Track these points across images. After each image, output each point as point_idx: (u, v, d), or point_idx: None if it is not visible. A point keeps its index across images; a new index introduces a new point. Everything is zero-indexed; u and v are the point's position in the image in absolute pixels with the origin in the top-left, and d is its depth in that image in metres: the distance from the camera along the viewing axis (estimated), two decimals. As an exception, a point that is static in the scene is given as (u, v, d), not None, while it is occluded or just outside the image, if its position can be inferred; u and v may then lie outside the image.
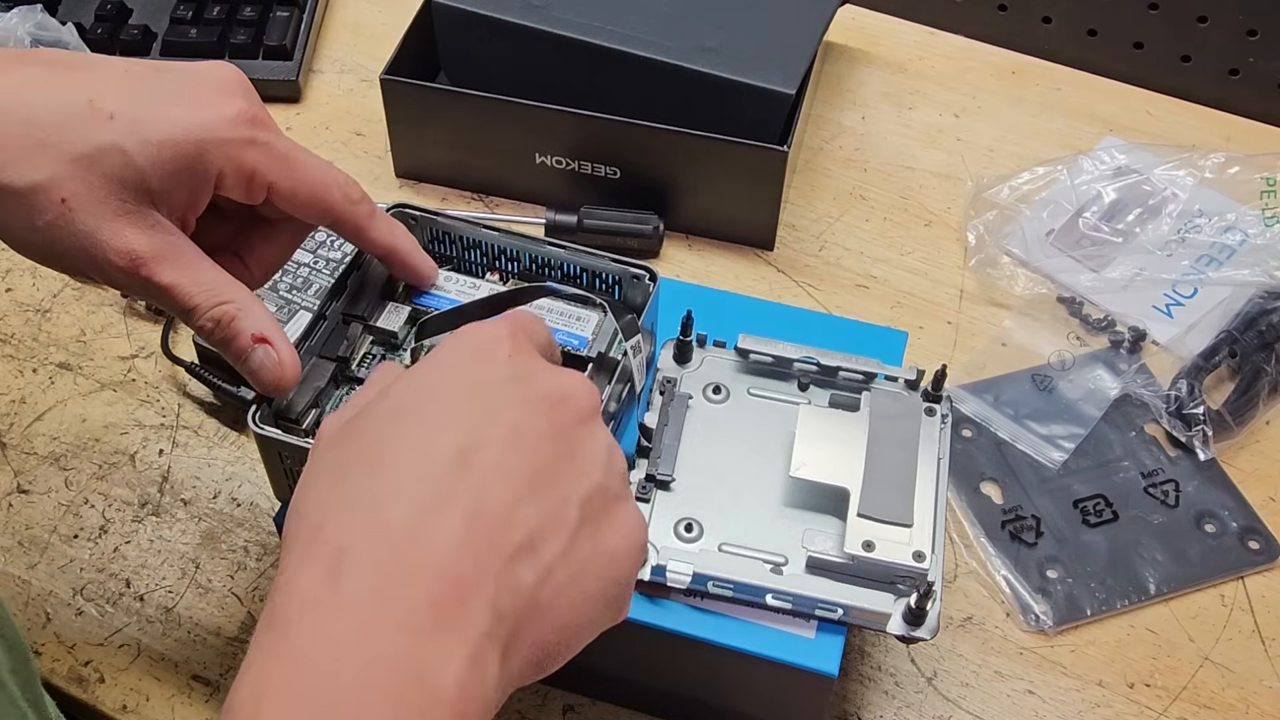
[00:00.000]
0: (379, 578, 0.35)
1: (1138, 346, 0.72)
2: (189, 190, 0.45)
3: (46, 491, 0.67)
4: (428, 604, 0.34)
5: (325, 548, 0.35)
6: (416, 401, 0.39)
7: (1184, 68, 0.89)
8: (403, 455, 0.37)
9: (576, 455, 0.39)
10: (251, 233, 0.51)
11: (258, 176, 0.46)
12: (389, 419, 0.39)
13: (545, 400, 0.40)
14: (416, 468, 0.37)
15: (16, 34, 0.83)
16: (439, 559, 0.35)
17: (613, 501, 0.40)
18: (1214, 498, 0.66)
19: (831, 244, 0.79)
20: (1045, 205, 0.80)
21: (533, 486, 0.38)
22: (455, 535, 0.36)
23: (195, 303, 0.46)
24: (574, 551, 0.38)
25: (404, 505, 0.36)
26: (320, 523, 0.36)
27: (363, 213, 0.50)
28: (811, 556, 0.51)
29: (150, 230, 0.45)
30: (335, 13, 0.95)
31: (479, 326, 0.42)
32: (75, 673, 0.61)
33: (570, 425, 0.40)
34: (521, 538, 0.37)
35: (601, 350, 0.56)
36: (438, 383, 0.40)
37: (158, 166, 0.44)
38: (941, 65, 0.91)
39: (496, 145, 0.78)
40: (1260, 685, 0.60)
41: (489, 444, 0.38)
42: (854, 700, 0.59)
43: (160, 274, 0.45)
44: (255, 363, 0.47)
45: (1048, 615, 0.62)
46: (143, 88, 0.45)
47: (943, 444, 0.54)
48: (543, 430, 0.39)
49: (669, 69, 0.74)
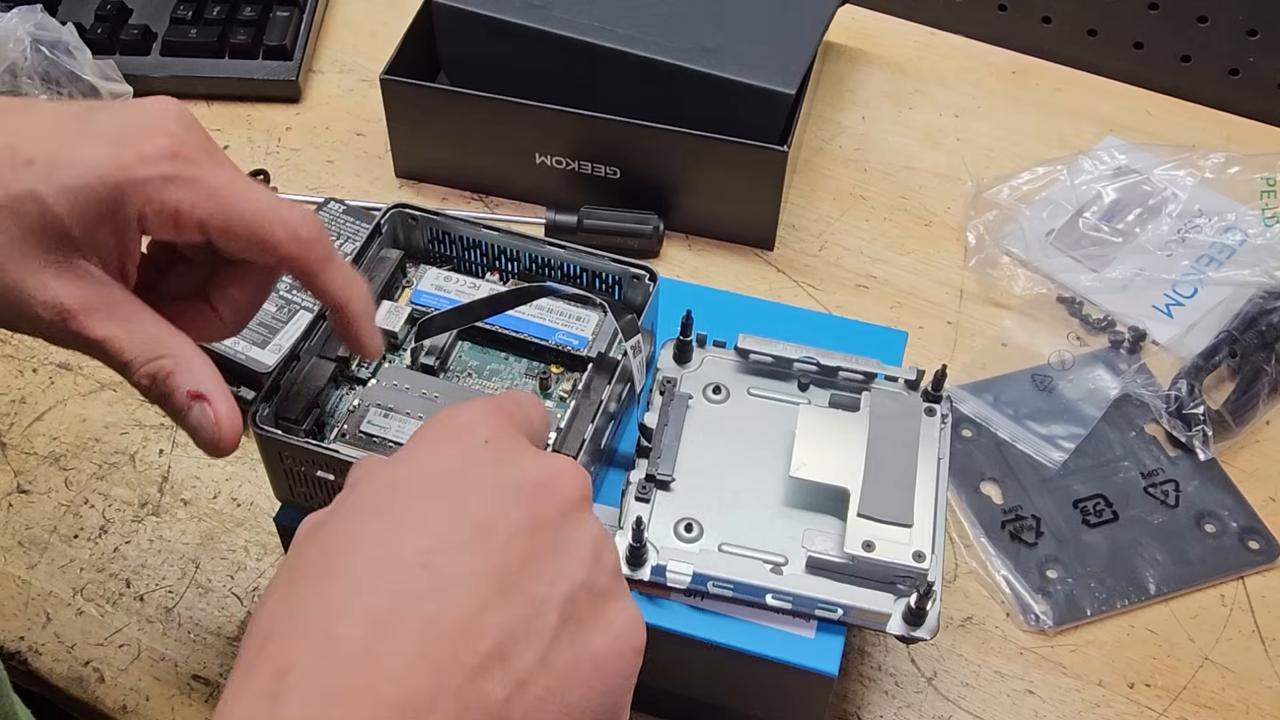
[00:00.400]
0: (321, 702, 0.31)
1: (1138, 346, 0.72)
2: (114, 235, 0.42)
3: (46, 491, 0.67)
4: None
5: (267, 666, 0.32)
6: (379, 498, 0.36)
7: (1184, 68, 0.89)
8: (358, 560, 0.34)
9: (557, 551, 0.36)
10: (221, 278, 0.48)
11: (183, 215, 0.42)
12: (350, 518, 0.36)
13: (522, 490, 0.36)
14: (372, 573, 0.34)
15: (16, 34, 0.82)
16: (390, 677, 0.31)
17: (600, 600, 0.36)
18: (1214, 498, 0.66)
19: (831, 244, 0.79)
20: (1045, 205, 0.80)
21: (503, 589, 0.34)
22: (409, 649, 0.32)
23: (129, 357, 0.42)
24: (553, 660, 0.34)
25: (354, 617, 0.32)
26: (266, 637, 0.33)
27: (314, 256, 0.45)
28: (811, 556, 0.51)
29: (79, 281, 0.42)
30: (335, 13, 0.95)
31: (456, 409, 0.39)
32: (75, 673, 0.61)
33: (551, 517, 0.36)
34: (489, 647, 0.33)
35: (601, 350, 0.56)
36: (405, 475, 0.37)
37: (76, 213, 0.41)
38: (941, 65, 0.91)
39: (496, 145, 0.78)
40: (1260, 685, 0.60)
41: (454, 543, 0.34)
42: (854, 700, 0.59)
43: (91, 327, 0.42)
44: (192, 421, 0.43)
45: (1048, 615, 0.62)
46: (69, 129, 0.42)
47: (943, 444, 0.54)
48: (517, 525, 0.35)
49: (669, 69, 0.74)
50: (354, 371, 0.56)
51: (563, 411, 0.55)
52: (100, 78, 0.83)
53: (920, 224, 0.81)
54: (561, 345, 0.57)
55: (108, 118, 0.43)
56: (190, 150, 0.43)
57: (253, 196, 0.44)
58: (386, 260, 0.59)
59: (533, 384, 0.56)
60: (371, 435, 0.53)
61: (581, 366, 0.56)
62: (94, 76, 0.83)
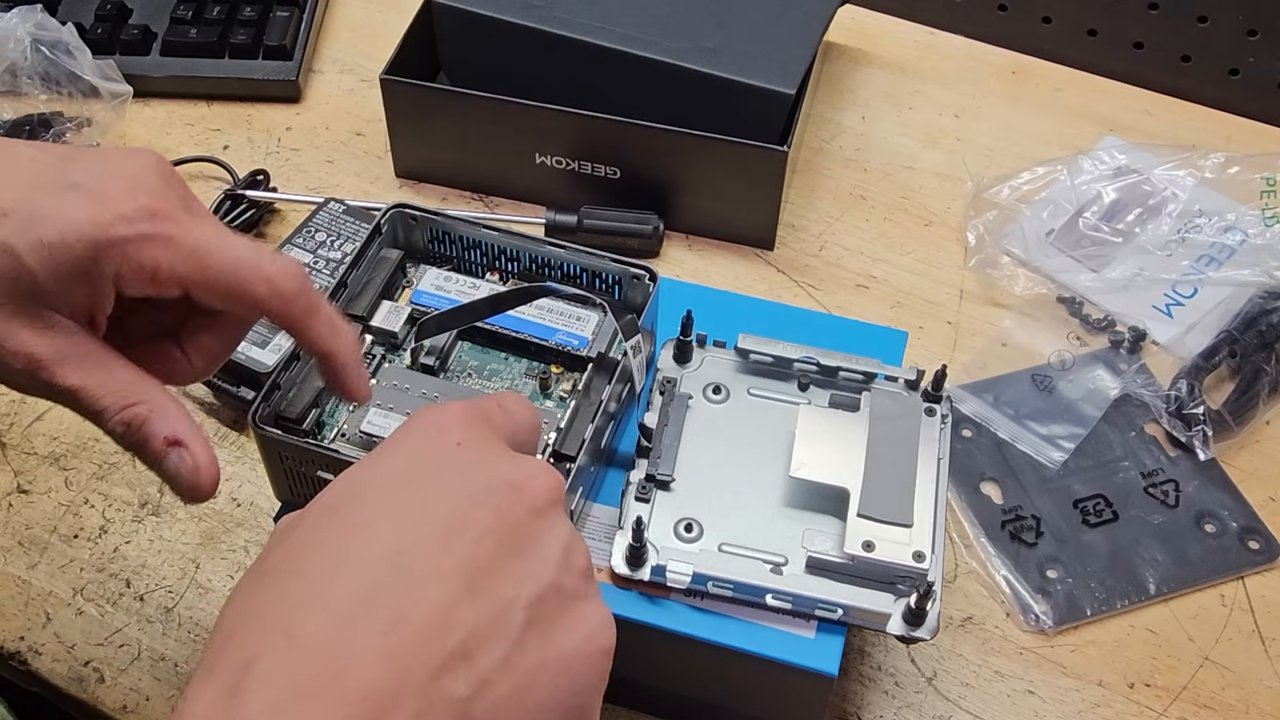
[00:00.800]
0: (283, 696, 0.31)
1: (1138, 346, 0.72)
2: (88, 291, 0.42)
3: (46, 491, 0.67)
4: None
5: (231, 661, 0.32)
6: (351, 497, 0.36)
7: (1184, 68, 0.89)
8: (326, 557, 0.34)
9: (526, 551, 0.36)
10: (193, 324, 0.47)
11: (161, 273, 0.42)
12: (320, 517, 0.36)
13: (493, 491, 0.36)
14: (337, 571, 0.34)
15: (16, 34, 0.82)
16: (353, 673, 0.31)
17: (568, 602, 0.36)
18: (1214, 498, 0.66)
19: (831, 244, 0.79)
20: (1045, 205, 0.80)
21: (470, 588, 0.34)
22: (374, 646, 0.32)
23: (103, 405, 0.42)
24: (518, 660, 0.34)
25: (319, 613, 0.33)
26: (229, 634, 0.33)
27: (297, 309, 0.45)
28: (811, 556, 0.51)
29: (49, 331, 0.41)
30: (335, 13, 0.95)
31: (431, 411, 0.39)
32: (75, 673, 0.61)
33: (521, 517, 0.36)
34: (454, 646, 0.33)
35: (601, 350, 0.56)
36: (377, 476, 0.37)
37: (50, 269, 0.41)
38: (941, 65, 0.91)
39: (496, 145, 0.78)
40: (1260, 685, 0.60)
41: (422, 542, 0.34)
42: (854, 700, 0.59)
43: (63, 376, 0.42)
44: (170, 468, 0.43)
45: (1048, 615, 0.62)
46: (45, 179, 0.42)
47: (943, 444, 0.54)
48: (486, 524, 0.35)
49: (669, 69, 0.74)
50: (354, 371, 0.56)
51: (563, 411, 0.55)
52: (100, 78, 0.83)
53: (920, 224, 0.81)
54: (561, 345, 0.57)
55: (86, 169, 0.42)
56: (169, 207, 0.43)
57: (232, 252, 0.43)
58: (386, 260, 0.59)
59: (533, 384, 0.56)
60: (371, 435, 0.53)
61: (581, 366, 0.56)
62: (94, 76, 0.83)
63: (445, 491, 0.36)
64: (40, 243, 0.40)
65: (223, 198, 0.78)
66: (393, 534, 0.34)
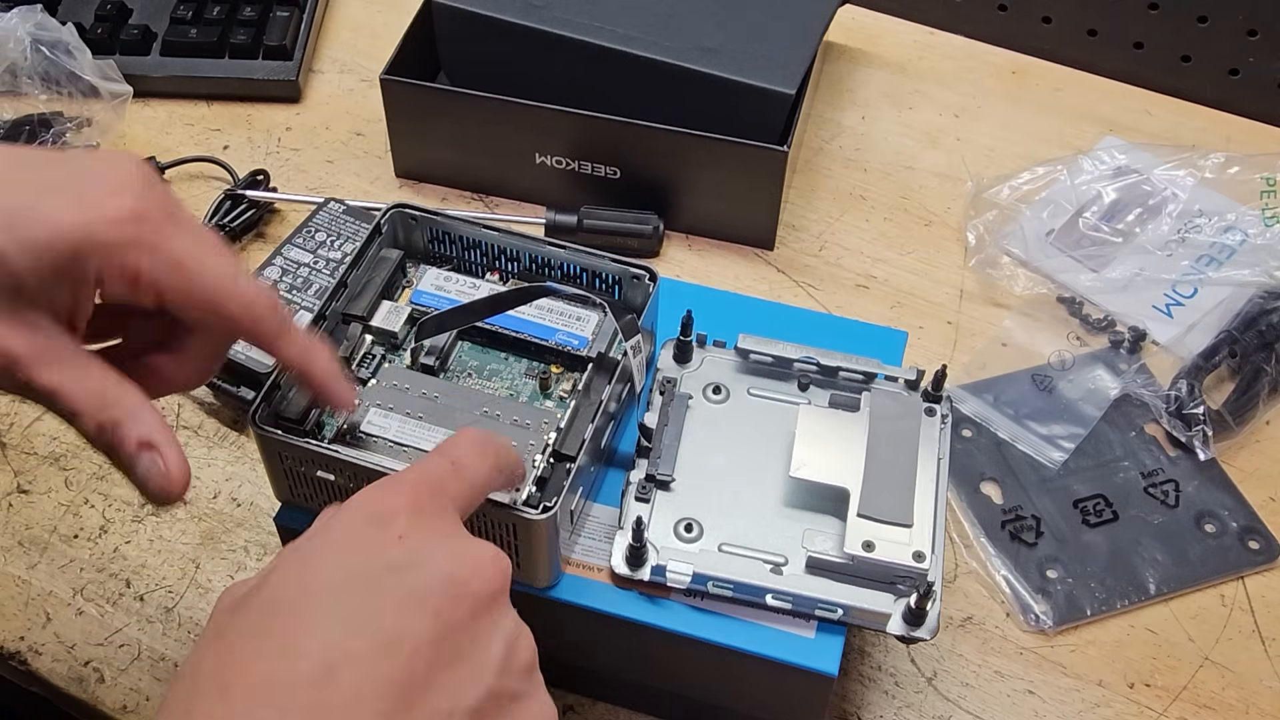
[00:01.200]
0: None
1: (1138, 346, 0.72)
2: (70, 292, 0.42)
3: (46, 491, 0.67)
4: None
5: None
6: (287, 597, 0.35)
7: (1184, 68, 0.89)
8: (255, 672, 0.34)
9: (466, 657, 0.35)
10: (182, 328, 0.47)
11: (142, 280, 0.42)
12: (254, 617, 0.35)
13: (432, 594, 0.36)
14: (267, 689, 0.33)
15: (16, 34, 0.83)
16: None
17: (510, 703, 0.36)
18: (1214, 498, 0.66)
19: (831, 244, 0.79)
20: (1045, 205, 0.80)
21: (408, 703, 0.33)
22: None
23: (79, 407, 0.42)
24: None
25: None
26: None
27: (267, 330, 0.45)
28: (811, 556, 0.51)
29: (29, 331, 0.41)
30: (335, 13, 0.95)
31: (377, 492, 0.39)
32: (75, 673, 0.61)
33: (463, 620, 0.36)
34: None
35: (601, 350, 0.56)
36: (315, 574, 0.36)
37: (33, 269, 0.40)
38: (941, 65, 0.91)
39: (496, 145, 0.78)
40: (1260, 685, 0.60)
41: (357, 656, 0.34)
42: (854, 700, 0.59)
43: (41, 376, 0.41)
44: (141, 470, 0.43)
45: (1048, 615, 0.62)
46: (29, 179, 0.42)
47: (943, 444, 0.54)
48: (425, 634, 0.35)
49: (669, 69, 0.74)
50: (353, 372, 0.56)
51: (563, 411, 0.55)
52: (100, 78, 0.83)
53: (920, 224, 0.81)
54: (561, 345, 0.57)
55: (70, 170, 0.42)
56: (154, 212, 0.42)
57: (212, 269, 0.43)
58: (386, 260, 0.59)
59: (533, 384, 0.56)
60: (371, 435, 0.53)
61: (581, 366, 0.56)
62: (94, 76, 0.83)
63: (382, 600, 0.35)
64: (24, 242, 0.40)
65: (223, 198, 0.78)
66: (330, 645, 0.34)
